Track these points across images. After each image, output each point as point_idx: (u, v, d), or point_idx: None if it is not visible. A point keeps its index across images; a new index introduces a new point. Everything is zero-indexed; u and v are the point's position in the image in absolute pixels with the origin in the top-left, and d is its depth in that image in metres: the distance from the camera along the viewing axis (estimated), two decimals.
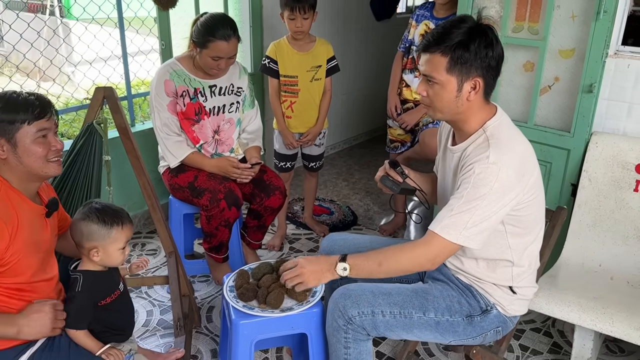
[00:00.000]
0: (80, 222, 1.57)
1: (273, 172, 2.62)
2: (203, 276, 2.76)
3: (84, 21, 3.13)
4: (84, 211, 1.59)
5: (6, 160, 1.47)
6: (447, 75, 1.50)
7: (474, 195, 1.48)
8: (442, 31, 1.51)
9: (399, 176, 1.76)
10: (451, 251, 1.55)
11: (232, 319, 1.68)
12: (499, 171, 1.47)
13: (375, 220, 3.44)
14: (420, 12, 2.84)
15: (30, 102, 1.48)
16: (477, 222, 1.49)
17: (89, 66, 3.17)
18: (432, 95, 1.56)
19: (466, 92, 1.52)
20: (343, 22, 4.21)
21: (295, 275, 1.64)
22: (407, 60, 2.88)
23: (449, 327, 1.64)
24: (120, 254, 1.61)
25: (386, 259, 1.59)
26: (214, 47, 2.29)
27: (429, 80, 1.54)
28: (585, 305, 1.88)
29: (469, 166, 1.52)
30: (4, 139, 1.46)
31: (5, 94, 1.50)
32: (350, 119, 4.64)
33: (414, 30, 2.84)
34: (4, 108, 1.46)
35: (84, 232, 1.56)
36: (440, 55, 1.50)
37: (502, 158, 1.49)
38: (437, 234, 1.52)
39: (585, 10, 2.17)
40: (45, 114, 1.50)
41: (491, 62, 1.51)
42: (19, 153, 1.47)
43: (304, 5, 2.62)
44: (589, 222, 2.21)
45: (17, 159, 1.47)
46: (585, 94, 2.18)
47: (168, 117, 2.41)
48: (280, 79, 2.81)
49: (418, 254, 1.56)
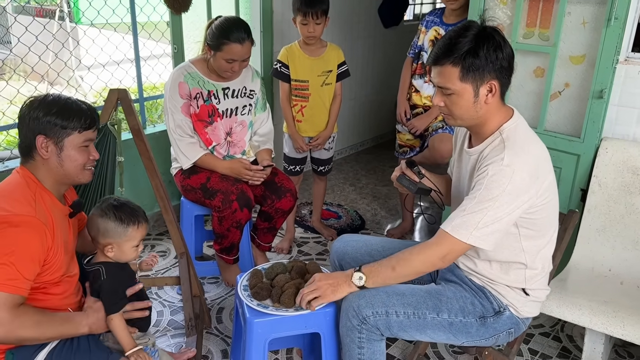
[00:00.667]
0: (97, 218, 1.59)
1: (284, 174, 2.64)
2: (212, 278, 2.77)
3: (96, 26, 3.17)
4: (102, 207, 1.61)
5: (47, 160, 1.52)
6: (462, 83, 1.52)
7: (487, 197, 1.50)
8: (449, 42, 1.52)
9: (416, 176, 1.78)
10: (462, 250, 1.57)
11: (247, 317, 1.70)
12: (513, 174, 1.49)
13: (382, 224, 3.45)
14: (430, 18, 2.86)
15: (83, 112, 1.55)
16: (488, 223, 1.50)
17: (98, 70, 3.20)
18: (449, 105, 1.57)
19: (483, 96, 1.54)
20: (351, 29, 4.25)
21: (312, 290, 1.65)
22: (417, 65, 2.91)
23: (462, 328, 1.65)
24: (134, 251, 1.64)
25: (399, 263, 1.61)
26: (228, 49, 2.32)
27: (445, 91, 1.56)
28: (596, 308, 1.89)
29: (484, 168, 1.54)
30: (52, 141, 1.51)
31: (59, 98, 1.56)
32: (357, 125, 4.67)
33: (424, 36, 2.86)
34: (59, 113, 1.51)
35: (100, 228, 1.59)
36: (452, 65, 1.51)
37: (516, 161, 1.50)
38: (448, 233, 1.54)
39: (596, 17, 2.19)
40: (94, 125, 1.58)
41: (503, 64, 1.52)
42: (62, 157, 1.53)
43: (316, 11, 2.65)
44: (599, 226, 2.23)
45: (59, 161, 1.53)
46: (595, 100, 2.20)
47: (181, 119, 2.43)
48: (292, 83, 2.84)
49: (429, 253, 1.58)
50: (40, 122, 1.50)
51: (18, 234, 1.40)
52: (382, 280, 1.63)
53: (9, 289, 1.38)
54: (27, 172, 1.54)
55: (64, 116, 1.51)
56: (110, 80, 3.09)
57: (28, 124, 1.52)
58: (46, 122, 1.50)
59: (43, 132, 1.51)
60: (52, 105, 1.52)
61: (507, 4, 2.40)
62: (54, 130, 1.51)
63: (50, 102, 1.53)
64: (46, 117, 1.50)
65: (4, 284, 1.37)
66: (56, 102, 1.53)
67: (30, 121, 1.51)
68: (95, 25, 3.08)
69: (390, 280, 1.63)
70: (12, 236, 1.40)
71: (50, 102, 1.53)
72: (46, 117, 1.50)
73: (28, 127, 1.52)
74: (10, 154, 2.72)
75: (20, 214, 1.43)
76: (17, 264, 1.39)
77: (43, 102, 1.53)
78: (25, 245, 1.41)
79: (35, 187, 1.51)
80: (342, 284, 1.65)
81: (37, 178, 1.54)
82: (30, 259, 1.42)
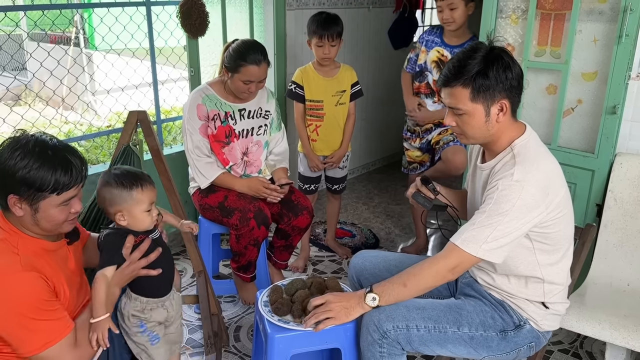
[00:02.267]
0: (102, 189, 1.57)
1: (300, 192, 2.68)
2: (229, 296, 2.79)
3: (115, 51, 3.26)
4: (104, 178, 1.58)
5: (21, 217, 1.39)
6: (473, 104, 1.55)
7: (496, 211, 1.52)
8: (458, 64, 1.55)
9: (431, 193, 1.80)
10: (471, 263, 1.59)
11: (268, 333, 1.71)
12: (522, 189, 1.51)
13: (396, 243, 3.46)
14: (429, 38, 2.88)
15: (66, 169, 1.37)
16: (497, 237, 1.52)
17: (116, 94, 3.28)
18: (461, 125, 1.61)
19: (494, 115, 1.57)
20: (362, 50, 4.32)
21: (325, 310, 1.65)
22: (422, 85, 2.95)
23: (482, 342, 1.65)
24: (147, 216, 1.59)
25: (409, 278, 1.62)
26: (245, 71, 2.38)
27: (456, 111, 1.59)
28: (617, 323, 1.89)
29: (495, 182, 1.56)
30: (26, 202, 1.36)
31: (40, 148, 1.34)
32: (368, 145, 4.71)
33: (425, 55, 2.89)
34: (35, 172, 1.33)
35: (107, 197, 1.56)
36: (462, 87, 1.54)
37: (526, 176, 1.52)
38: (457, 246, 1.56)
39: (606, 34, 2.23)
40: (77, 183, 1.41)
41: (513, 83, 1.55)
42: (37, 217, 1.39)
43: (332, 34, 2.72)
44: (616, 241, 2.23)
45: (34, 220, 1.39)
46: (608, 116, 2.23)
47: (199, 140, 2.48)
48: (307, 104, 2.90)
49: (439, 267, 1.59)
50: (14, 179, 1.32)
51: (18, 287, 1.33)
52: (395, 297, 1.64)
53: (66, 332, 1.39)
54: (5, 222, 1.41)
55: (40, 177, 1.33)
56: (129, 104, 3.16)
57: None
58: (18, 181, 1.32)
59: (15, 192, 1.34)
60: (28, 160, 1.33)
61: (518, 23, 2.45)
62: (28, 193, 1.34)
63: (27, 154, 1.33)
64: (19, 174, 1.32)
65: (60, 333, 1.38)
66: (34, 155, 1.33)
67: (1, 175, 1.33)
68: (115, 50, 3.16)
69: (403, 296, 1.64)
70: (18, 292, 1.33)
71: (27, 153, 1.33)
72: (19, 174, 1.32)
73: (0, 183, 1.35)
74: None
75: (7, 273, 1.33)
76: (46, 311, 1.36)
77: (19, 154, 1.33)
78: (35, 291, 1.35)
79: (16, 238, 1.40)
80: (355, 307, 1.66)
81: (18, 228, 1.41)
82: (50, 295, 1.39)
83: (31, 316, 1.34)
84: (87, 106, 3.06)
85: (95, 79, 5.06)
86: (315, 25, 2.74)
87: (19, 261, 1.36)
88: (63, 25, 7.02)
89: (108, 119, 5.77)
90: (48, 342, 1.37)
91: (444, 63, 2.77)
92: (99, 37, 3.15)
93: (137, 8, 2.94)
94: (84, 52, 7.10)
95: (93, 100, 6.10)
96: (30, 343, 1.36)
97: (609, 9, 2.21)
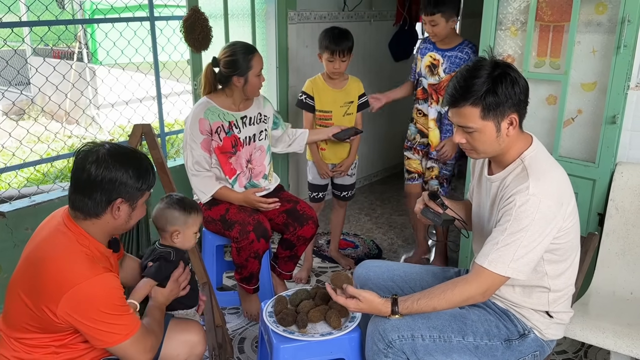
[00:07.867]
0: (164, 210, 1.81)
1: (305, 202, 2.70)
2: (233, 308, 2.79)
3: (118, 66, 3.31)
4: (167, 202, 1.82)
5: (115, 220, 1.50)
6: (483, 121, 1.55)
7: (517, 228, 1.52)
8: (465, 84, 1.54)
9: (440, 207, 1.80)
10: (501, 283, 1.58)
11: (273, 343, 1.72)
12: (540, 203, 1.51)
13: (399, 253, 3.47)
14: (423, 46, 2.97)
15: (151, 167, 1.54)
16: (523, 254, 1.52)
17: (120, 108, 3.32)
18: (472, 142, 1.61)
19: (505, 129, 1.57)
20: (363, 63, 4.36)
21: (356, 308, 1.67)
22: (419, 90, 3.00)
23: (487, 351, 1.66)
24: (194, 238, 1.84)
25: (440, 304, 1.60)
26: (256, 61, 2.50)
27: (466, 129, 1.59)
28: (620, 331, 1.89)
29: (510, 198, 1.56)
30: (128, 203, 1.49)
31: (129, 154, 1.50)
32: (370, 156, 4.73)
33: (420, 63, 2.97)
34: (138, 174, 1.47)
35: (168, 218, 1.79)
36: (471, 107, 1.54)
37: (542, 189, 1.53)
38: (485, 268, 1.55)
39: (605, 45, 2.26)
40: (155, 182, 1.57)
41: (520, 97, 1.56)
42: (132, 216, 1.53)
43: (343, 49, 2.79)
44: (618, 250, 2.24)
45: (127, 220, 1.53)
46: (608, 126, 2.25)
47: (200, 155, 2.51)
48: (316, 114, 2.96)
49: (470, 290, 1.58)
50: (125, 185, 1.46)
51: (105, 285, 1.45)
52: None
53: (135, 329, 1.49)
54: (79, 229, 1.50)
55: (141, 177, 1.49)
56: (133, 117, 3.19)
57: (104, 187, 1.44)
58: (128, 185, 1.46)
59: (122, 196, 1.47)
60: (128, 165, 1.46)
61: (518, 35, 2.48)
62: (132, 194, 1.48)
63: (123, 160, 1.47)
64: (127, 179, 1.45)
65: (136, 324, 1.50)
66: (130, 160, 1.48)
67: (107, 184, 1.44)
68: (120, 64, 3.20)
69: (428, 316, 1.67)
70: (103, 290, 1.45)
71: (123, 159, 1.47)
72: (127, 179, 1.45)
73: (104, 190, 1.45)
74: (37, 189, 2.80)
75: (94, 275, 1.44)
76: (124, 307, 1.49)
77: (116, 161, 1.45)
78: (116, 289, 1.48)
79: (88, 243, 1.49)
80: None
81: (89, 233, 1.50)
82: (123, 292, 1.52)
83: (115, 313, 1.46)
84: (91, 120, 3.09)
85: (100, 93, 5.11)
86: (328, 41, 2.79)
87: (98, 263, 1.48)
88: (68, 41, 7.09)
89: (112, 132, 5.82)
90: (128, 333, 1.48)
91: (436, 66, 2.85)
92: (103, 51, 3.19)
93: (142, 23, 2.98)
94: (88, 67, 7.16)
95: (96, 114, 6.16)
96: (114, 336, 1.47)
97: (607, 20, 2.24)
